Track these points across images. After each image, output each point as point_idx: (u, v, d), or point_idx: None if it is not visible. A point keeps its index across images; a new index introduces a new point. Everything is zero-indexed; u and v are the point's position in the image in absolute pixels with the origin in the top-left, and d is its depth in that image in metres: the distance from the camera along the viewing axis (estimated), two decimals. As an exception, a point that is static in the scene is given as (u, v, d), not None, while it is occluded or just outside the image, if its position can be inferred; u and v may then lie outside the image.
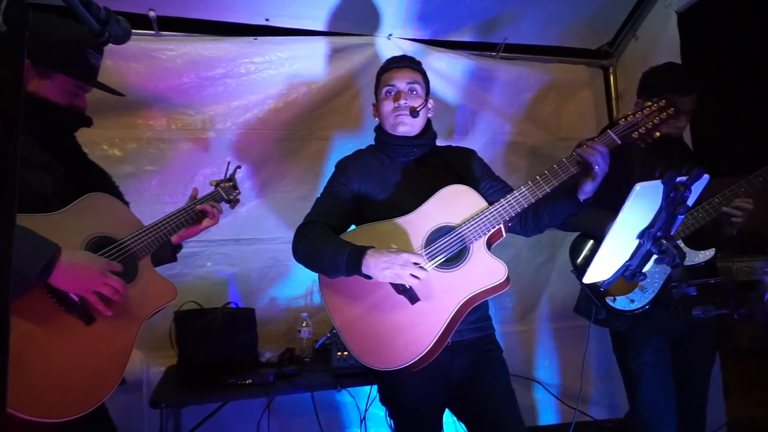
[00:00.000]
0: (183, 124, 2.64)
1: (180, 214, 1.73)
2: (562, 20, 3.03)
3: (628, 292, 2.07)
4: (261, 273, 2.73)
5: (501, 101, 3.13)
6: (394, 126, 1.85)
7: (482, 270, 1.67)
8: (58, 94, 1.49)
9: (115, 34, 1.08)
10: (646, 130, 1.62)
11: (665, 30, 2.93)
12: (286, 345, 2.59)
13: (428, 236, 1.71)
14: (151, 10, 2.51)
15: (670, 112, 1.63)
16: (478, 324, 1.81)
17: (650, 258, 1.28)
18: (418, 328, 1.64)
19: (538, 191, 1.65)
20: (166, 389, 2.18)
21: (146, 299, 1.55)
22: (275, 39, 2.75)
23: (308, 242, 1.74)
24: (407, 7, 2.73)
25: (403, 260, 1.56)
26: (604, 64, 3.36)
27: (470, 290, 1.65)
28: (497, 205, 1.68)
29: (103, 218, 1.54)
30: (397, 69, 1.88)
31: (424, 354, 1.61)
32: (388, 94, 1.86)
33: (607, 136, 1.64)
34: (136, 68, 2.55)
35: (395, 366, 1.63)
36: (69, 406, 1.32)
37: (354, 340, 1.70)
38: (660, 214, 1.23)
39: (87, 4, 0.99)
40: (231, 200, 2.01)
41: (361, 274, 1.61)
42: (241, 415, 2.59)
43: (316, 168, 2.82)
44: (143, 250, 1.58)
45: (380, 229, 1.75)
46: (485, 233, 1.68)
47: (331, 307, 1.76)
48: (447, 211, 1.72)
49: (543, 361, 3.14)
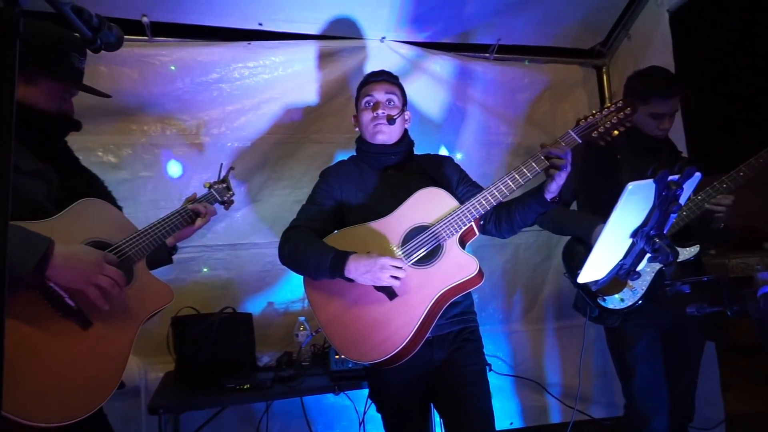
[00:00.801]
0: (178, 130, 2.64)
1: (174, 217, 1.74)
2: (555, 21, 3.04)
3: (617, 292, 2.13)
4: (258, 277, 2.73)
5: (495, 102, 3.14)
6: (373, 135, 1.95)
7: (455, 265, 1.75)
8: (45, 100, 1.49)
9: (108, 41, 1.09)
10: (605, 129, 1.71)
11: (657, 29, 2.95)
12: (283, 349, 2.59)
13: (404, 236, 1.81)
14: (144, 16, 2.51)
15: (627, 111, 1.71)
16: (459, 317, 1.88)
17: (644, 256, 1.29)
18: (396, 323, 1.72)
19: (505, 189, 1.74)
20: (165, 395, 2.17)
21: (143, 302, 1.56)
22: (269, 43, 2.75)
23: (293, 246, 1.83)
24: (400, 10, 2.74)
25: (381, 264, 1.66)
26: (598, 64, 3.37)
27: (444, 285, 1.73)
28: (467, 204, 1.77)
29: (97, 223, 1.54)
30: (375, 82, 2.00)
31: (401, 348, 1.69)
32: (367, 105, 1.97)
33: (567, 136, 1.73)
34: (130, 74, 2.55)
35: (374, 359, 1.70)
36: (66, 411, 1.32)
37: (335, 335, 1.78)
38: (653, 213, 1.24)
39: (79, 12, 0.99)
40: (225, 201, 2.05)
41: (343, 277, 1.71)
42: (240, 419, 2.59)
43: (311, 171, 2.81)
44: (138, 253, 1.58)
45: (360, 231, 1.85)
46: (457, 231, 1.76)
47: (314, 304, 1.84)
48: (421, 212, 1.82)
49: (542, 361, 3.15)
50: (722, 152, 2.06)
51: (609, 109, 1.74)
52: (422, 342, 1.75)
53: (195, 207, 1.81)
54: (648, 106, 2.19)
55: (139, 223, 1.67)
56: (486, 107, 3.11)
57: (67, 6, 0.94)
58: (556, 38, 3.19)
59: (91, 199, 1.55)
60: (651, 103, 2.18)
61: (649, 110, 2.19)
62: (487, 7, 2.86)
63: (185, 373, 2.26)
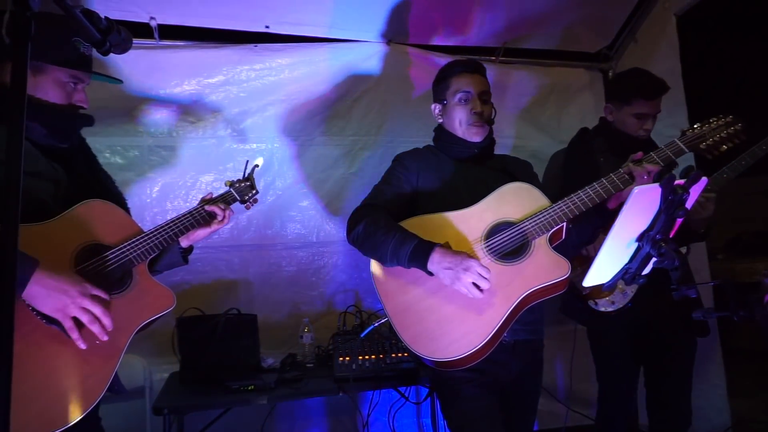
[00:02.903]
0: (184, 132, 2.66)
1: (184, 219, 1.66)
2: (561, 24, 3.04)
3: (608, 295, 2.14)
4: (263, 279, 2.74)
5: (501, 105, 3.12)
6: (471, 134, 1.85)
7: (545, 265, 1.63)
8: (54, 92, 1.45)
9: (117, 43, 1.10)
10: (714, 142, 1.72)
11: (664, 33, 2.95)
12: (288, 351, 2.59)
13: (488, 230, 1.69)
14: (152, 19, 2.53)
15: (738, 127, 1.73)
16: (535, 327, 1.79)
17: (649, 260, 1.28)
18: (475, 320, 1.59)
19: (597, 197, 1.66)
20: (169, 396, 2.18)
21: (140, 309, 1.49)
22: (275, 46, 2.76)
23: (369, 225, 1.70)
24: (407, 13, 2.75)
25: (467, 265, 1.54)
26: (604, 68, 3.36)
27: (531, 285, 1.61)
28: (561, 203, 1.66)
29: (98, 225, 1.49)
30: (468, 74, 1.87)
31: (478, 348, 1.56)
32: (462, 101, 1.84)
33: (674, 145, 1.72)
34: (137, 76, 2.57)
35: (448, 357, 1.58)
36: (51, 419, 1.27)
37: (406, 327, 1.64)
38: (659, 217, 1.23)
39: (88, 15, 1.01)
40: (247, 200, 1.89)
41: (424, 268, 1.60)
42: (244, 421, 2.59)
43: (317, 174, 2.83)
44: (140, 257, 1.51)
45: (437, 220, 1.73)
46: (548, 230, 1.65)
47: (383, 292, 1.71)
48: (506, 208, 1.70)
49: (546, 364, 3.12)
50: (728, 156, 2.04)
51: (718, 123, 1.72)
52: (497, 344, 1.62)
53: (212, 209, 1.70)
54: (631, 106, 2.21)
55: (145, 225, 1.67)
56: (492, 110, 3.11)
57: (77, 9, 0.95)
58: (562, 41, 3.18)
59: (95, 200, 1.51)
60: (634, 104, 2.20)
61: (633, 111, 2.21)
62: (493, 9, 2.86)
63: (190, 373, 2.27)
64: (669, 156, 1.70)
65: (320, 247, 2.82)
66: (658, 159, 1.69)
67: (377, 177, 1.99)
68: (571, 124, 3.24)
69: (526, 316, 1.68)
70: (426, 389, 2.66)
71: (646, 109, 2.20)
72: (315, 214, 2.83)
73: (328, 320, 2.72)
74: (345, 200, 2.84)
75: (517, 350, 1.73)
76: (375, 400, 2.49)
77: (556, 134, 3.20)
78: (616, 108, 2.29)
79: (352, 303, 2.75)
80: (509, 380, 1.76)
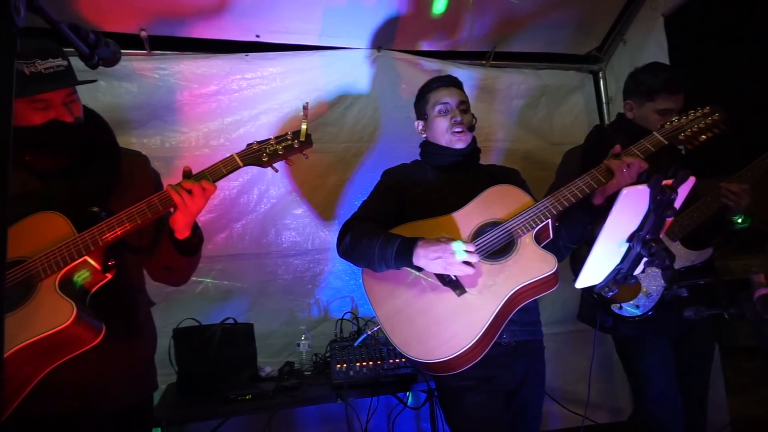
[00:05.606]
0: (177, 142, 2.66)
1: (129, 212, 1.45)
2: (551, 27, 3.06)
3: (632, 298, 2.07)
4: (259, 288, 2.73)
5: (492, 108, 3.15)
6: (454, 141, 1.91)
7: (531, 261, 1.64)
8: (30, 117, 1.41)
9: (105, 56, 1.10)
10: (692, 133, 1.70)
11: (652, 33, 2.97)
12: (285, 359, 2.58)
13: (474, 231, 1.72)
14: (143, 30, 2.53)
15: (715, 117, 1.70)
16: (533, 328, 1.82)
17: (640, 261, 1.29)
18: (464, 320, 1.60)
19: (580, 192, 1.67)
20: (167, 407, 2.17)
21: (32, 323, 1.31)
22: (266, 55, 2.77)
23: (355, 236, 1.75)
24: (396, 19, 2.76)
25: (455, 248, 1.56)
26: (594, 69, 3.39)
27: (519, 281, 1.62)
28: (544, 200, 1.69)
29: (33, 239, 1.38)
30: (445, 87, 1.97)
31: (469, 347, 1.57)
32: (442, 112, 1.93)
33: (651, 137, 1.71)
34: (129, 88, 2.58)
35: (440, 357, 1.59)
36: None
37: (397, 331, 1.67)
38: (648, 217, 1.24)
39: (75, 29, 1.01)
40: (284, 153, 1.71)
41: (410, 265, 1.62)
42: (243, 430, 2.59)
43: (310, 181, 2.83)
44: (46, 270, 1.35)
45: (426, 225, 1.76)
46: (533, 227, 1.67)
47: (373, 298, 1.74)
48: (492, 209, 1.74)
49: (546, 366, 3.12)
50: (719, 156, 2.06)
51: (696, 114, 1.72)
52: (490, 345, 1.63)
53: (170, 193, 1.49)
54: (654, 102, 2.13)
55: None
56: (483, 113, 3.12)
57: (63, 23, 0.95)
58: (551, 44, 3.20)
59: (46, 213, 1.42)
60: (658, 100, 2.12)
61: (656, 107, 2.13)
62: (483, 14, 2.88)
63: (187, 384, 2.26)
64: (648, 148, 1.69)
65: (316, 254, 2.82)
66: (637, 152, 1.69)
67: (371, 183, 2.00)
68: (563, 125, 3.27)
69: (523, 317, 1.71)
70: (425, 394, 2.66)
71: (670, 104, 2.11)
72: (310, 221, 2.83)
73: (325, 327, 2.72)
74: (339, 207, 2.85)
75: (519, 352, 1.75)
76: (374, 406, 2.49)
77: (549, 136, 3.22)
78: (637, 104, 2.20)
79: (348, 310, 2.75)
80: (514, 385, 1.77)
